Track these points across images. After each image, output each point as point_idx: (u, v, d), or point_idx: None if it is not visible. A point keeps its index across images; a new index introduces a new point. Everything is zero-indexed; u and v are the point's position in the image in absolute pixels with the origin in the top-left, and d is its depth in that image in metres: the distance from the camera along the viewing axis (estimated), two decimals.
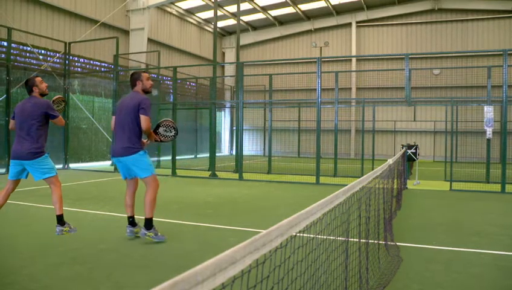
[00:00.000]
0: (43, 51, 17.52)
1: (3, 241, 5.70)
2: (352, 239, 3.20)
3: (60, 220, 5.95)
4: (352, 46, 29.34)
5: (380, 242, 4.85)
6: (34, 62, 17.09)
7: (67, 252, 5.27)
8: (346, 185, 2.77)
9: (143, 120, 5.66)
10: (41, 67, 17.13)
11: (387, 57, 27.81)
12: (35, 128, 5.84)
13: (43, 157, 5.87)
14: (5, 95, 15.14)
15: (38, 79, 6.16)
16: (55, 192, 5.92)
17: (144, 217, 5.82)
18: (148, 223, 5.77)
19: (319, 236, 2.27)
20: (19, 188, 6.47)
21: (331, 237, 2.58)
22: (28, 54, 16.88)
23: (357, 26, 29.41)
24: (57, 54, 18.02)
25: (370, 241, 4.10)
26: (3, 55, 15.72)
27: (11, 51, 15.71)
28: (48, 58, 17.69)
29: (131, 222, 6.03)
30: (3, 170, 14.22)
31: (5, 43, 15.52)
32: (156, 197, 5.87)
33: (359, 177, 12.61)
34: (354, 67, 29.18)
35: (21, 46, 16.52)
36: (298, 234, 1.68)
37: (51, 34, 18.05)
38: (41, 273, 4.50)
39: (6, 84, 15.19)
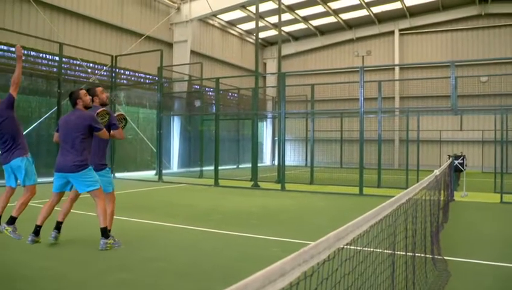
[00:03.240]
0: (91, 64, 18.18)
1: (53, 247, 5.90)
2: (398, 252, 3.14)
3: (104, 232, 5.92)
4: (395, 54, 28.89)
5: (427, 256, 4.72)
6: (83, 75, 17.76)
7: (114, 259, 5.41)
8: (390, 196, 2.73)
9: (118, 134, 6.21)
10: (90, 80, 17.76)
11: (431, 64, 27.16)
12: (79, 141, 5.86)
13: (87, 170, 5.89)
14: (55, 107, 15.79)
15: (83, 92, 6.21)
16: (99, 205, 5.94)
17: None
18: (105, 232, 5.91)
19: (366, 249, 2.24)
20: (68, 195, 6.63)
21: (378, 250, 2.54)
22: (77, 68, 17.56)
23: (400, 34, 28.96)
24: (104, 67, 18.65)
25: (417, 254, 4.00)
26: (55, 69, 16.42)
27: (62, 64, 16.39)
28: (96, 71, 18.33)
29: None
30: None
31: (57, 58, 16.21)
32: (105, 207, 6.00)
33: (403, 188, 12.26)
34: (397, 76, 28.69)
35: (71, 60, 17.21)
36: (345, 247, 1.67)
37: (98, 48, 18.71)
38: (90, 279, 4.64)
39: (57, 96, 15.86)
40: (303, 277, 1.30)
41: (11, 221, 5.97)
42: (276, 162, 24.13)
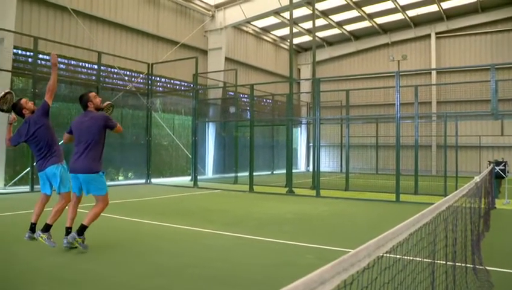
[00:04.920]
0: (128, 72, 18.59)
1: (92, 250, 6.02)
2: (438, 261, 3.06)
3: (82, 230, 5.97)
4: (431, 58, 28.31)
5: (468, 265, 4.58)
6: (121, 83, 18.18)
7: (150, 264, 5.48)
8: (428, 203, 2.67)
9: (116, 131, 6.36)
10: (127, 88, 18.17)
11: (470, 68, 26.44)
12: (92, 143, 6.00)
13: (99, 175, 6.02)
14: None
15: (92, 94, 6.37)
16: (99, 207, 6.06)
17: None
18: (82, 230, 5.97)
19: (406, 257, 2.20)
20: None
21: (417, 259, 2.49)
22: (115, 76, 18.00)
23: (437, 38, 28.36)
24: (141, 75, 19.04)
25: (457, 264, 3.89)
26: (93, 77, 16.89)
27: (101, 73, 16.84)
28: (133, 79, 18.73)
29: (70, 233, 6.04)
30: None
31: (96, 66, 16.68)
32: (101, 213, 6.13)
33: (442, 195, 11.96)
34: (434, 80, 28.07)
35: (109, 69, 17.66)
36: (385, 255, 1.65)
37: (135, 56, 19.13)
38: (128, 282, 4.72)
39: None
40: (342, 285, 1.28)
41: (46, 228, 6.10)
42: (310, 168, 24.00)
